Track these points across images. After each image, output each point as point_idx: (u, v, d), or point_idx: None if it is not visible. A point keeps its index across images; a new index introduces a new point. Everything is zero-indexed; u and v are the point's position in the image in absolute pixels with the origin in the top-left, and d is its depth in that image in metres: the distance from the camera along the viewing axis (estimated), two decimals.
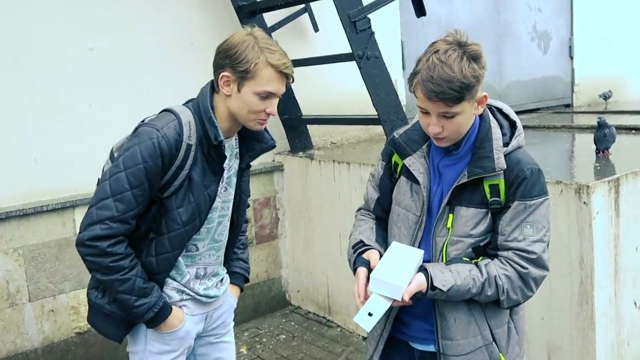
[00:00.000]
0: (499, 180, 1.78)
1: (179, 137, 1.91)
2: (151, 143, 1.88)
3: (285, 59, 1.94)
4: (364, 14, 3.90)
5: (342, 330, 4.48)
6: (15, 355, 3.67)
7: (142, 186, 1.88)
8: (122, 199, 1.87)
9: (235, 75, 1.90)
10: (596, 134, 3.72)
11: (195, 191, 1.96)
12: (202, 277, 2.15)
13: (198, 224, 2.02)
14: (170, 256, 2.01)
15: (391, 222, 1.97)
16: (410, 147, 1.89)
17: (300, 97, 4.80)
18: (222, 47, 1.95)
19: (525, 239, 1.76)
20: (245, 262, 2.42)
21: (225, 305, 2.33)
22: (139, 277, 1.96)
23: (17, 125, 3.71)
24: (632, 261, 3.17)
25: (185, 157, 1.92)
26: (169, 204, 1.95)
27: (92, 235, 1.87)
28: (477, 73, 1.66)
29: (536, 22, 7.05)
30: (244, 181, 2.20)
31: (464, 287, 1.74)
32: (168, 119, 1.95)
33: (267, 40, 1.93)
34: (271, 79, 1.91)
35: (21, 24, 3.73)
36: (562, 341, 3.07)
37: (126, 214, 1.88)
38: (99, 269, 1.92)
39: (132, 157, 1.88)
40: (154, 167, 1.88)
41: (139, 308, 1.96)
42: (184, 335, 2.12)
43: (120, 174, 1.88)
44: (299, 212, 4.76)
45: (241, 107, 1.94)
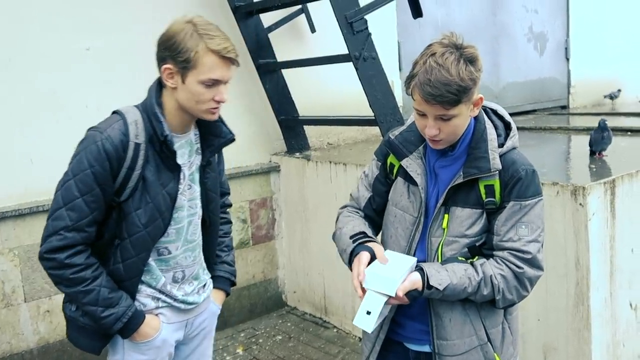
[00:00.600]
0: (494, 181, 1.79)
1: (125, 137, 1.86)
2: (95, 147, 1.84)
3: (227, 43, 1.86)
4: (361, 15, 3.90)
5: (339, 331, 4.48)
6: (10, 356, 3.66)
7: (92, 192, 1.84)
8: (73, 207, 1.83)
9: (177, 67, 1.84)
10: (594, 135, 3.72)
11: (151, 191, 1.91)
12: (180, 281, 2.08)
13: (161, 225, 1.96)
14: (136, 261, 1.95)
15: (387, 222, 1.98)
16: (406, 148, 1.90)
17: (297, 98, 4.81)
18: (161, 39, 1.88)
19: (521, 239, 1.77)
20: (230, 265, 2.34)
21: (206, 313, 2.23)
22: (104, 287, 1.91)
23: (13, 125, 3.70)
24: (628, 262, 3.18)
25: (134, 157, 1.87)
26: (127, 207, 1.90)
27: (49, 247, 1.85)
28: (474, 76, 1.67)
29: (532, 24, 7.06)
30: (209, 178, 2.11)
31: (460, 286, 1.74)
32: (113, 120, 1.91)
33: (206, 26, 1.86)
34: (214, 66, 1.84)
35: (17, 23, 3.72)
36: (558, 342, 3.08)
37: (80, 222, 1.84)
38: (62, 282, 1.89)
39: (78, 164, 1.84)
40: (102, 171, 1.84)
41: (107, 319, 1.91)
42: (160, 344, 2.05)
43: (69, 182, 1.84)
44: (296, 212, 4.76)
45: (188, 98, 1.88)
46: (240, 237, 4.71)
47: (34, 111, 3.78)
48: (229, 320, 4.65)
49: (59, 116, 3.84)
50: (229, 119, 5.29)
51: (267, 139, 4.94)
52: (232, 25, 4.59)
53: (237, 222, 4.67)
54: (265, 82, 4.71)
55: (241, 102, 4.78)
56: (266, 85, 4.72)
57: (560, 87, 7.49)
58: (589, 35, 7.45)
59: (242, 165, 4.76)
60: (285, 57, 4.72)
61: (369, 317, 1.74)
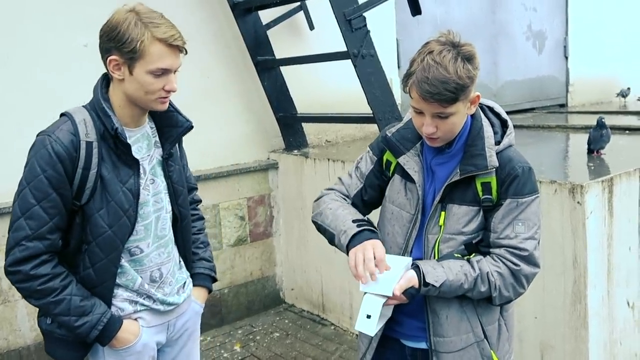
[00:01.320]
0: (490, 178, 1.79)
1: (75, 137, 1.80)
2: (45, 151, 1.77)
3: (173, 31, 1.80)
4: (360, 13, 3.89)
5: (336, 328, 4.48)
6: (7, 352, 3.66)
7: (48, 197, 1.78)
8: (31, 215, 1.77)
9: (123, 58, 1.78)
10: (593, 133, 3.72)
11: (111, 189, 1.85)
12: (159, 281, 2.02)
13: (127, 223, 1.89)
14: (106, 263, 1.89)
15: (384, 220, 1.98)
16: (403, 145, 1.90)
17: (295, 95, 4.80)
18: (104, 30, 1.82)
19: (517, 236, 1.78)
20: (208, 260, 2.28)
21: (188, 313, 2.17)
22: (75, 295, 1.85)
23: (11, 122, 3.69)
24: (625, 261, 3.18)
25: (87, 156, 1.81)
26: (88, 209, 1.84)
27: (12, 260, 1.79)
28: (471, 74, 1.67)
29: (531, 22, 7.06)
30: (174, 171, 2.05)
31: (456, 283, 1.75)
32: (60, 122, 1.86)
33: (150, 14, 1.81)
34: (162, 55, 1.78)
35: (14, 20, 3.71)
36: (555, 340, 3.08)
37: (40, 230, 1.78)
38: (31, 294, 1.84)
39: (30, 171, 1.79)
40: (56, 175, 1.78)
41: (81, 328, 1.86)
42: (141, 349, 1.99)
43: (24, 191, 1.79)
44: (294, 210, 4.76)
45: (137, 89, 1.82)
46: (238, 234, 4.71)
47: (32, 108, 3.76)
48: (226, 318, 4.65)
49: (57, 113, 3.78)
50: (227, 116, 5.29)
51: (265, 136, 4.94)
52: (230, 22, 4.59)
53: (235, 219, 4.67)
54: (263, 79, 4.70)
55: (239, 99, 4.78)
56: (264, 83, 4.71)
57: (559, 86, 7.49)
58: (588, 33, 7.45)
59: (240, 162, 4.76)
60: (284, 54, 4.72)
61: (369, 321, 1.73)
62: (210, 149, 4.56)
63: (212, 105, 4.56)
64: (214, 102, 4.57)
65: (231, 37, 4.67)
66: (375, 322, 1.72)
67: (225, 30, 4.64)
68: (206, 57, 4.53)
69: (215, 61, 4.62)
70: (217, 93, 4.60)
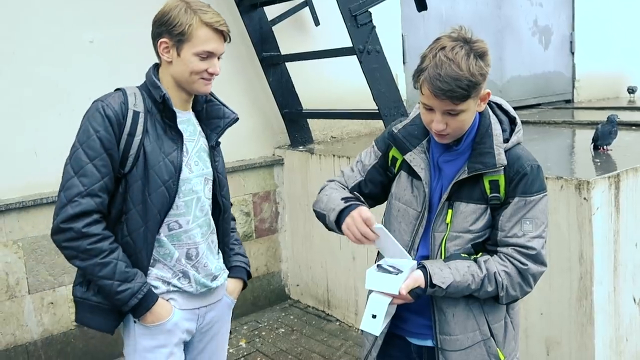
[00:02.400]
0: (499, 176, 1.78)
1: (124, 105, 1.92)
2: (98, 113, 1.89)
3: (219, 17, 1.96)
4: (365, 8, 3.89)
5: (341, 324, 4.49)
6: (14, 347, 3.68)
7: (101, 156, 1.87)
8: (84, 173, 1.85)
9: (172, 40, 1.92)
10: (602, 129, 3.69)
11: (152, 159, 1.93)
12: (194, 259, 2.05)
13: (166, 194, 1.95)
14: (144, 231, 1.94)
15: (390, 217, 1.97)
16: (410, 142, 1.89)
17: (301, 91, 4.80)
18: (156, 17, 1.97)
19: (525, 235, 1.76)
20: (244, 256, 2.35)
21: (220, 307, 2.21)
22: (121, 260, 1.90)
23: (16, 117, 3.71)
24: (632, 257, 3.17)
25: (133, 124, 1.92)
26: (131, 178, 1.92)
27: (65, 216, 1.84)
28: (483, 71, 1.66)
29: (537, 17, 7.03)
30: (219, 162, 2.16)
31: (463, 284, 1.74)
32: (114, 93, 1.98)
33: (198, 3, 1.95)
34: (208, 38, 1.93)
35: (19, 16, 3.72)
36: (561, 336, 3.08)
37: (93, 186, 1.85)
38: (77, 255, 1.87)
39: (84, 132, 1.89)
40: (107, 135, 1.88)
41: (122, 294, 1.90)
42: (171, 327, 2.02)
43: (77, 151, 1.87)
44: (299, 206, 4.76)
45: (183, 70, 1.94)
46: (244, 230, 4.71)
47: (38, 104, 3.78)
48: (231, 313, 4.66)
49: (63, 109, 3.84)
50: None
51: (271, 133, 4.94)
52: (236, 18, 4.58)
53: (240, 215, 4.67)
54: (269, 75, 4.70)
55: (245, 96, 4.78)
56: (270, 79, 4.71)
57: (565, 81, 7.46)
58: (594, 29, 7.42)
59: (245, 158, 4.76)
60: (289, 50, 4.71)
61: (375, 321, 1.73)
62: None
63: None
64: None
65: (236, 33, 4.66)
66: (381, 322, 1.72)
67: (230, 26, 4.53)
68: None
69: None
70: (222, 89, 4.54)
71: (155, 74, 2.01)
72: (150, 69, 2.04)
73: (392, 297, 1.73)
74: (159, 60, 2.00)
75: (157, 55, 2.00)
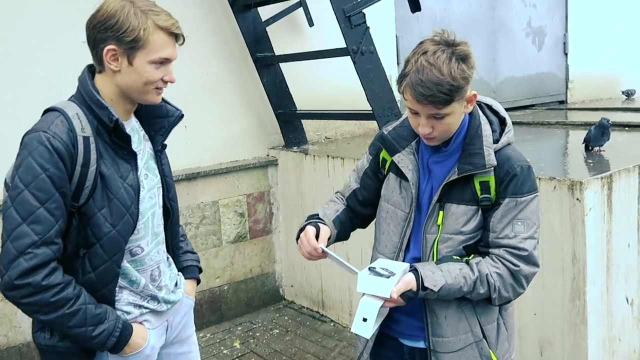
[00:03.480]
0: (489, 177, 1.78)
1: (72, 132, 1.68)
2: (44, 147, 1.64)
3: (173, 19, 1.76)
4: (359, 9, 3.89)
5: (336, 325, 4.49)
6: (7, 349, 3.66)
7: (52, 198, 1.63)
8: (36, 219, 1.61)
9: (122, 47, 1.70)
10: (595, 131, 3.70)
11: (112, 186, 1.75)
12: (158, 280, 1.94)
13: (131, 221, 1.79)
14: (109, 265, 1.77)
15: (380, 218, 1.98)
16: (399, 143, 1.90)
17: (295, 91, 4.80)
18: (97, 19, 1.71)
19: (517, 236, 1.76)
20: (193, 252, 2.22)
21: (182, 309, 2.11)
22: (89, 303, 1.72)
23: (9, 118, 3.69)
24: (625, 257, 3.19)
25: (86, 152, 1.70)
26: (89, 210, 1.72)
27: (18, 271, 1.59)
28: (466, 74, 1.65)
29: (531, 18, 7.05)
30: (165, 164, 1.99)
31: (455, 286, 1.74)
32: (52, 117, 1.72)
33: (146, 2, 1.74)
34: (164, 44, 1.73)
35: (12, 15, 3.70)
36: (554, 337, 3.09)
37: (48, 234, 1.63)
38: (41, 309, 1.65)
39: (28, 171, 1.63)
40: (58, 173, 1.64)
41: (99, 337, 1.74)
42: (149, 352, 1.92)
43: (23, 194, 1.62)
44: (293, 207, 4.76)
45: (135, 80, 1.74)
46: (238, 231, 4.71)
47: (31, 105, 3.75)
48: (226, 314, 4.66)
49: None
50: (227, 113, 5.28)
51: (265, 133, 4.94)
52: (229, 18, 4.58)
53: (234, 216, 4.67)
54: (262, 75, 4.70)
55: (239, 96, 4.78)
56: (264, 79, 4.71)
57: (559, 82, 7.49)
58: (588, 30, 7.45)
59: (239, 159, 4.76)
60: (283, 50, 4.71)
61: (365, 324, 1.72)
62: (210, 145, 4.56)
63: (211, 102, 4.56)
64: (213, 99, 4.57)
65: (230, 33, 4.66)
66: (372, 326, 1.72)
67: (224, 26, 4.64)
68: (205, 54, 4.52)
69: (214, 58, 4.62)
70: (216, 90, 4.59)
71: (93, 85, 1.78)
72: (85, 78, 1.80)
73: (383, 300, 1.72)
74: (99, 67, 1.77)
75: (97, 62, 1.77)
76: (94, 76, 1.81)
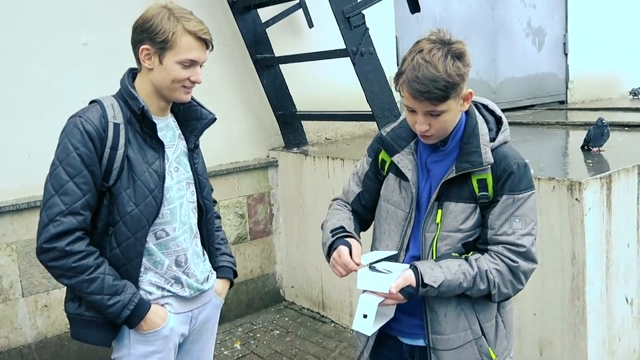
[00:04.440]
0: (486, 175, 1.80)
1: (104, 119, 1.90)
2: (77, 130, 1.86)
3: (202, 26, 1.94)
4: (358, 10, 3.90)
5: (336, 325, 4.49)
6: (8, 351, 3.67)
7: (81, 173, 1.85)
8: (65, 191, 1.83)
9: (155, 47, 1.91)
10: (594, 131, 3.71)
11: (137, 169, 1.93)
12: (184, 266, 2.06)
13: (153, 203, 1.95)
14: (133, 242, 1.94)
15: (380, 218, 1.99)
16: (398, 144, 1.92)
17: (295, 93, 4.81)
18: (137, 23, 1.95)
19: (515, 233, 1.78)
20: (230, 255, 2.36)
21: (209, 306, 2.22)
22: (108, 274, 1.89)
23: (10, 118, 3.70)
24: (624, 257, 3.19)
25: (115, 137, 1.90)
26: (116, 190, 1.91)
27: (47, 236, 1.82)
28: (461, 71, 1.68)
29: (531, 19, 7.06)
30: (198, 163, 2.14)
31: (454, 282, 1.75)
32: (90, 106, 1.96)
33: (182, 10, 1.95)
34: (191, 47, 1.92)
35: (13, 17, 3.71)
36: (554, 337, 3.09)
37: (74, 205, 1.84)
38: (64, 273, 1.86)
39: (63, 149, 1.86)
40: (88, 152, 1.86)
41: (113, 307, 1.89)
42: (168, 333, 2.03)
43: (57, 169, 1.85)
44: (293, 208, 4.76)
45: (164, 77, 1.93)
46: (238, 232, 4.71)
47: (31, 106, 3.77)
48: (226, 315, 4.66)
49: (56, 110, 3.81)
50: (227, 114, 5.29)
51: (265, 134, 4.94)
52: (229, 20, 4.59)
53: (234, 217, 4.68)
54: (262, 77, 4.71)
55: (239, 98, 4.78)
56: (264, 81, 4.72)
57: (559, 83, 7.49)
58: (587, 30, 7.45)
59: (239, 160, 4.76)
60: (283, 52, 4.72)
61: (366, 320, 1.74)
62: (210, 146, 4.51)
63: (212, 103, 4.47)
64: (213, 100, 4.50)
65: (230, 35, 4.67)
66: (372, 322, 1.73)
67: (224, 28, 4.64)
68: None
69: (214, 59, 4.59)
70: (216, 91, 4.60)
71: (130, 81, 1.99)
72: (125, 77, 2.01)
73: (383, 296, 1.74)
74: (139, 66, 1.99)
75: (137, 62, 1.98)
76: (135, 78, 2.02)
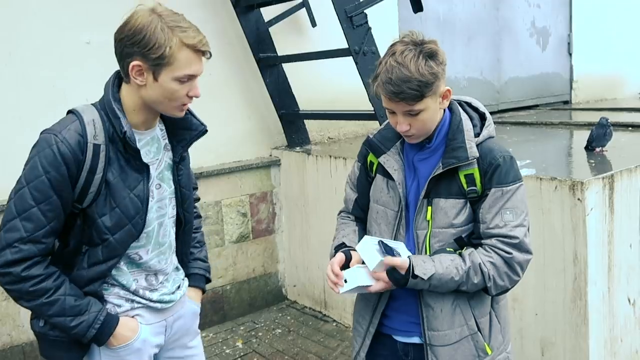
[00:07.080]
0: (473, 170, 1.83)
1: (82, 139, 1.71)
2: (50, 151, 1.68)
3: (200, 35, 1.73)
4: (361, 9, 3.90)
5: (338, 324, 4.49)
6: (10, 348, 3.68)
7: (49, 200, 1.69)
8: (28, 217, 1.68)
9: (148, 63, 1.69)
10: (597, 131, 3.71)
11: (116, 195, 1.77)
12: (155, 284, 1.95)
13: (133, 230, 1.82)
14: (103, 267, 1.82)
15: (370, 219, 2.02)
16: (384, 145, 1.96)
17: (298, 92, 4.81)
18: (124, 33, 1.70)
19: (506, 225, 1.80)
20: (203, 261, 2.22)
21: (186, 314, 2.09)
22: (69, 295, 1.77)
23: (12, 119, 3.71)
24: (626, 258, 3.18)
25: (94, 159, 1.72)
26: (91, 212, 1.76)
27: (3, 261, 1.69)
28: (434, 70, 1.72)
29: (535, 19, 7.04)
30: (182, 175, 1.98)
31: (446, 276, 1.77)
32: (68, 121, 1.76)
33: (173, 17, 1.72)
34: (190, 61, 1.72)
35: (16, 17, 3.72)
36: (556, 337, 3.09)
37: (36, 233, 1.69)
38: (22, 296, 1.74)
39: (32, 170, 1.69)
40: (59, 177, 1.69)
41: (78, 327, 1.78)
42: (140, 345, 1.91)
43: (23, 190, 1.69)
44: (296, 207, 4.77)
45: (160, 95, 1.74)
46: (241, 231, 4.72)
47: (34, 106, 3.78)
48: (228, 314, 4.67)
49: (60, 110, 3.75)
50: (230, 113, 5.29)
51: (268, 133, 4.95)
52: (232, 19, 4.60)
53: (237, 216, 4.68)
54: (265, 76, 4.71)
55: (242, 97, 4.79)
56: (267, 80, 4.72)
57: (563, 82, 7.47)
58: (592, 30, 7.43)
59: (242, 159, 4.77)
60: (286, 51, 4.72)
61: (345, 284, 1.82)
62: (213, 145, 4.56)
63: (215, 103, 4.56)
64: (216, 99, 4.58)
65: (233, 34, 4.68)
66: (349, 287, 1.81)
67: (227, 27, 4.65)
68: None
69: (217, 58, 4.59)
70: (219, 90, 4.60)
71: (115, 93, 1.80)
72: (109, 85, 1.82)
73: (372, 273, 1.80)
74: (126, 79, 1.78)
75: (124, 75, 1.78)
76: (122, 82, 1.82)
